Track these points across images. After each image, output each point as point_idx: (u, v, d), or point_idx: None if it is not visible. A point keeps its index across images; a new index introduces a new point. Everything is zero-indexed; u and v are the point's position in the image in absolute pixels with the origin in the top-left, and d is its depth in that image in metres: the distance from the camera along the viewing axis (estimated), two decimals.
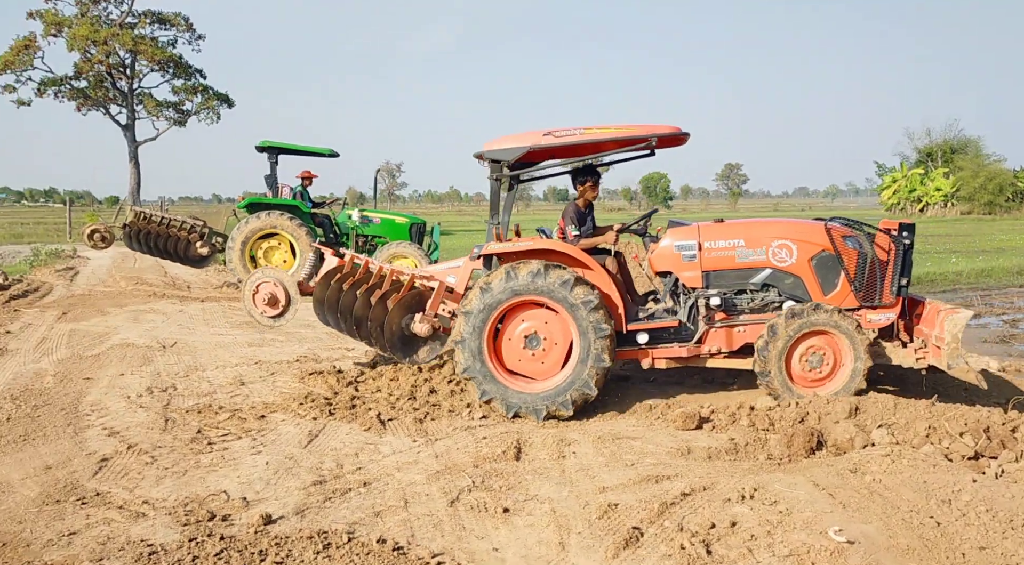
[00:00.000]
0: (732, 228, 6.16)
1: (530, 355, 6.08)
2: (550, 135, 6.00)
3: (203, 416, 5.96)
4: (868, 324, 5.91)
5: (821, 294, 5.95)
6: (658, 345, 6.17)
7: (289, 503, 4.27)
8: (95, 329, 9.81)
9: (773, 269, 6.02)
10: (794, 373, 5.86)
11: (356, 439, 5.42)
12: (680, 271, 6.13)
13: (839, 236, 5.96)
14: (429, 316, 6.90)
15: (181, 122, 37.69)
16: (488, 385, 5.99)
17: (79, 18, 33.83)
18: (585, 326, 5.82)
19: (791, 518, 3.84)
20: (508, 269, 5.94)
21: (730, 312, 6.11)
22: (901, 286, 5.95)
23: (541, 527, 3.97)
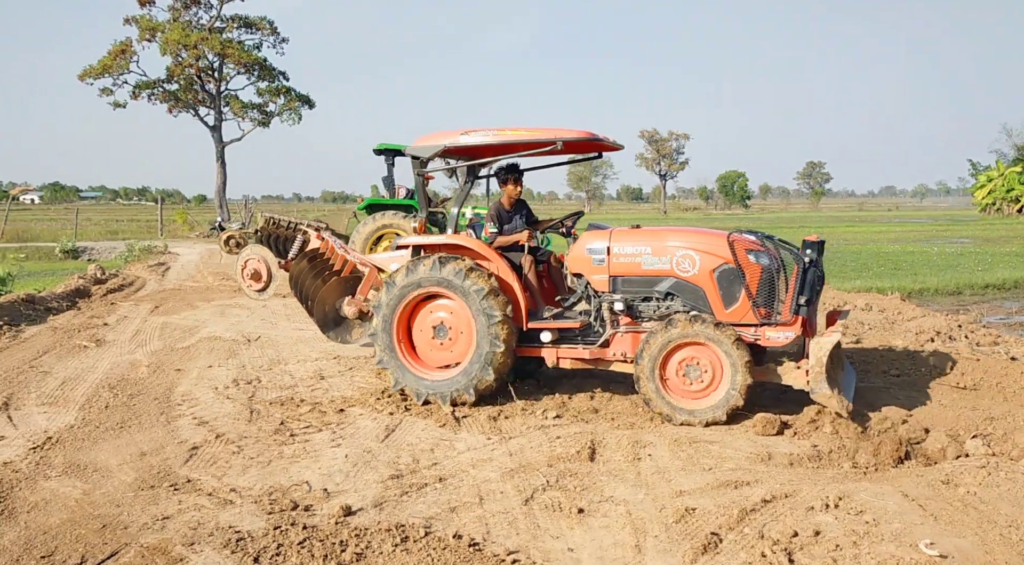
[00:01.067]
0: (641, 235, 6.14)
1: (439, 345, 6.34)
2: (465, 134, 6.20)
3: (286, 408, 6.15)
4: (767, 341, 5.71)
5: (722, 307, 5.78)
6: (564, 345, 6.25)
7: (368, 496, 4.36)
8: (185, 322, 10.25)
9: (677, 278, 5.93)
10: (670, 383, 5.74)
11: (431, 435, 5.50)
12: (590, 274, 6.16)
13: (742, 250, 5.76)
14: (358, 300, 7.12)
15: (265, 123, 38.93)
16: (399, 374, 6.30)
17: (171, 23, 35.37)
18: (478, 313, 6.03)
19: (879, 529, 3.70)
20: (409, 264, 6.29)
21: (636, 318, 6.08)
22: (800, 305, 5.65)
23: (617, 529, 3.94)
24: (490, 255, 6.36)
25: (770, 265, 5.73)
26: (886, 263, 19.17)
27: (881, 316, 9.92)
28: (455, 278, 6.09)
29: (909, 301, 11.56)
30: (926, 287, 14.04)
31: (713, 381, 5.63)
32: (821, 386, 5.28)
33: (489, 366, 6.04)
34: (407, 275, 6.26)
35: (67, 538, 3.87)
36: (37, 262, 21.34)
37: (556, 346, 6.24)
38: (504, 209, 6.78)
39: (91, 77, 34.90)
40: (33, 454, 5.09)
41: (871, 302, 10.86)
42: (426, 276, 6.19)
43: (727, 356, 5.51)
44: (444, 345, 6.34)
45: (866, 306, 10.62)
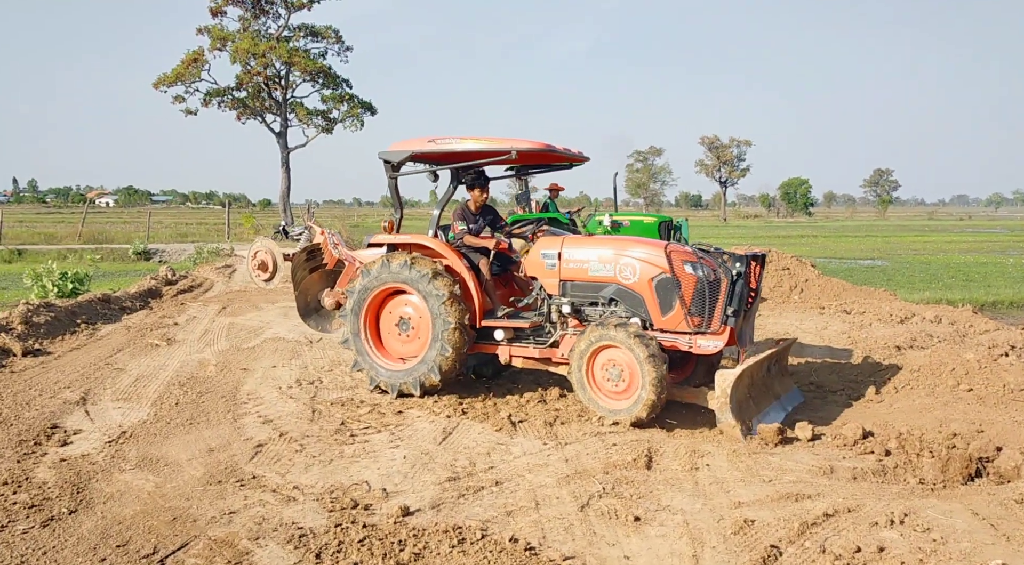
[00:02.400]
0: (591, 242, 6.49)
1: (405, 338, 6.71)
2: (432, 142, 6.53)
3: (346, 409, 6.29)
4: (698, 349, 5.90)
5: (659, 314, 5.98)
6: (516, 343, 6.52)
7: (425, 497, 4.43)
8: (250, 323, 10.56)
9: (619, 285, 6.14)
10: (598, 382, 5.99)
11: (488, 439, 5.54)
12: (543, 278, 6.45)
13: (679, 260, 5.93)
14: (337, 293, 7.49)
15: (328, 129, 39.73)
16: (359, 357, 6.76)
17: (241, 33, 36.45)
18: (429, 297, 6.36)
19: (946, 547, 3.59)
20: (385, 259, 6.66)
21: (583, 321, 6.35)
22: (728, 315, 5.80)
23: (674, 538, 3.92)
24: (447, 253, 6.67)
25: (705, 276, 5.89)
26: (957, 274, 18.51)
27: (951, 328, 9.58)
28: (403, 270, 6.46)
29: (982, 314, 11.13)
30: (1000, 299, 13.51)
31: (630, 386, 5.82)
32: (725, 415, 5.52)
33: (448, 345, 6.31)
34: (365, 275, 6.72)
35: (140, 529, 4.03)
36: (112, 263, 22.25)
37: (509, 345, 6.53)
38: (471, 212, 7.05)
39: (165, 85, 36.18)
40: (109, 447, 5.32)
41: (941, 314, 10.48)
42: (379, 274, 6.61)
43: (639, 366, 5.70)
44: (407, 338, 6.71)
45: (935, 318, 10.26)
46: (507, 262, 7.16)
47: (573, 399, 6.57)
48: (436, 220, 7.14)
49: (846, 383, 7.14)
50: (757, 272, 6.09)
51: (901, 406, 6.26)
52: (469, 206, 7.12)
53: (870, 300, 12.25)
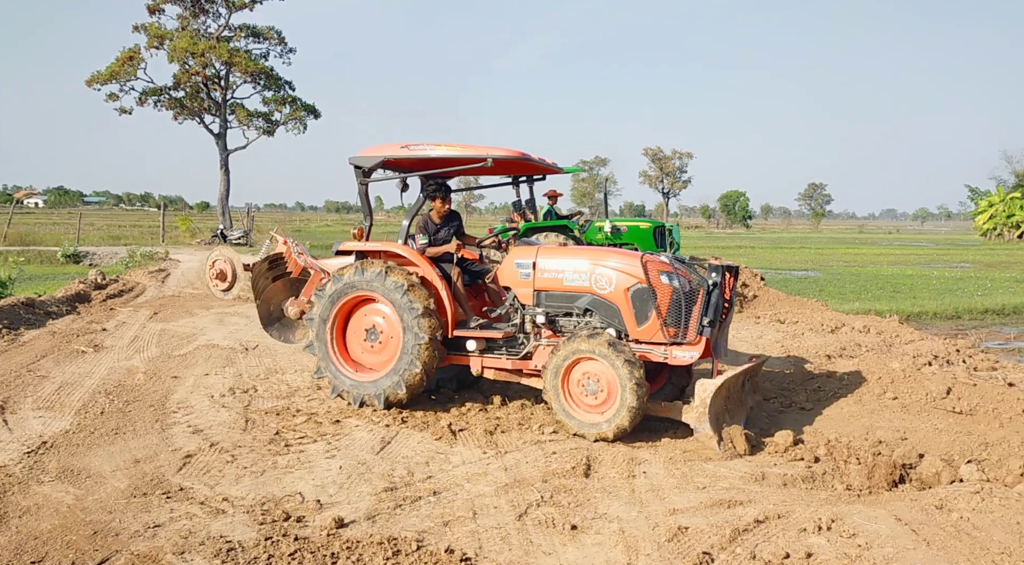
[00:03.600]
0: (566, 252, 6.45)
1: (371, 348, 6.55)
2: (405, 148, 6.44)
3: (281, 418, 6.15)
4: (674, 360, 5.85)
5: (635, 325, 5.92)
6: (488, 354, 6.43)
7: (361, 508, 4.36)
8: (183, 329, 10.26)
9: (594, 295, 6.07)
10: (574, 395, 5.87)
11: (427, 448, 5.49)
12: (517, 287, 6.34)
13: (654, 270, 5.90)
14: (302, 301, 7.35)
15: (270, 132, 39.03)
16: (337, 381, 6.53)
17: (180, 31, 35.56)
18: (401, 308, 6.20)
19: (871, 553, 3.69)
20: (335, 272, 6.55)
21: (558, 332, 6.25)
22: (703, 326, 5.80)
23: (609, 546, 3.94)
24: (420, 262, 6.54)
25: (680, 287, 5.86)
26: (885, 286, 19.19)
27: (879, 338, 9.92)
28: (376, 279, 6.29)
29: (907, 324, 11.55)
30: (924, 310, 14.05)
31: (608, 397, 5.72)
32: (704, 426, 5.54)
33: (416, 360, 6.15)
34: (335, 282, 6.51)
35: (58, 544, 3.86)
36: (38, 266, 21.36)
37: (481, 355, 6.43)
38: (433, 222, 6.96)
39: (98, 83, 35.03)
40: (27, 458, 5.08)
41: (869, 324, 10.85)
42: (351, 281, 6.42)
43: (617, 376, 5.62)
44: (375, 348, 6.55)
45: (864, 328, 10.61)
46: (477, 272, 7.04)
47: (515, 407, 6.57)
48: (405, 229, 6.93)
49: (779, 391, 7.32)
50: (731, 283, 6.08)
51: (830, 414, 6.44)
52: (432, 217, 6.98)
53: (803, 310, 12.60)
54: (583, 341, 5.76)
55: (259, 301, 7.61)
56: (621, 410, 5.61)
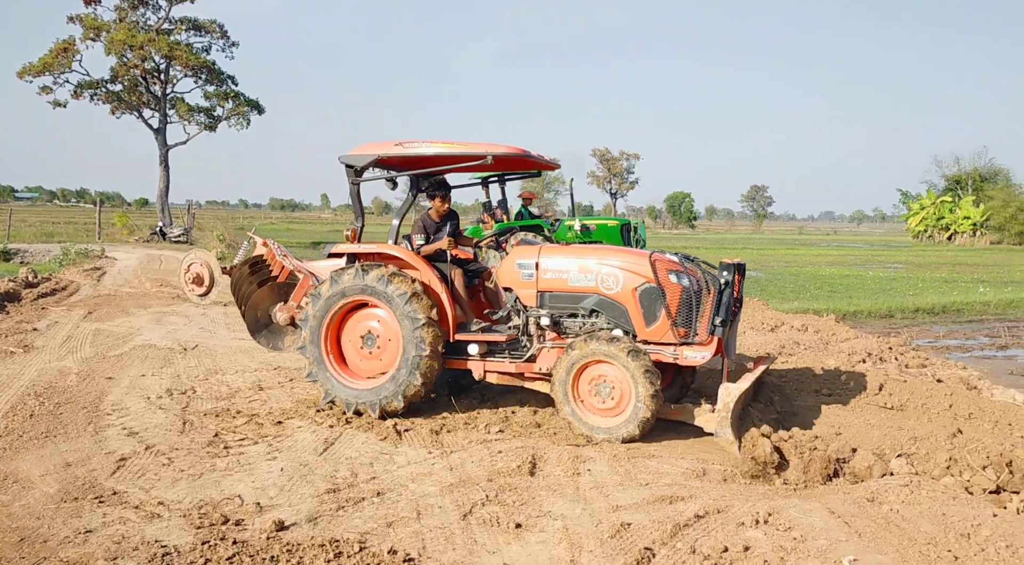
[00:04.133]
0: (570, 251, 6.25)
1: (368, 354, 6.32)
2: (400, 146, 6.21)
3: (221, 420, 6.01)
4: (685, 361, 5.76)
5: (643, 325, 5.80)
6: (491, 358, 6.25)
7: (302, 510, 4.29)
8: (119, 329, 9.95)
9: (601, 296, 5.95)
10: (584, 399, 5.76)
11: (372, 448, 5.44)
12: (519, 289, 6.17)
13: (663, 269, 5.80)
14: (291, 307, 7.12)
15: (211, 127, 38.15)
16: (329, 385, 6.23)
17: (117, 23, 34.48)
18: (403, 317, 5.98)
19: (805, 545, 3.79)
20: (332, 275, 6.27)
21: (562, 334, 6.12)
22: (715, 325, 5.70)
23: (553, 544, 3.95)
24: (419, 264, 6.34)
25: (690, 286, 5.77)
26: (823, 286, 19.73)
27: (816, 337, 10.20)
28: (378, 284, 6.07)
29: (843, 323, 11.91)
30: (860, 310, 14.49)
31: (620, 402, 5.61)
32: (725, 431, 5.39)
33: (416, 371, 5.97)
34: (332, 285, 6.24)
35: None
36: None
37: (483, 359, 6.25)
38: (432, 221, 6.78)
39: (30, 75, 33.77)
40: None
41: (807, 323, 11.15)
42: (351, 285, 6.17)
43: (632, 380, 5.51)
44: (373, 354, 6.31)
45: (802, 327, 10.90)
46: (473, 272, 6.86)
47: (462, 406, 6.55)
48: (396, 229, 6.72)
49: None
50: (737, 281, 5.93)
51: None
52: (431, 215, 6.77)
53: (745, 309, 12.84)
54: (602, 343, 5.59)
55: (246, 307, 7.27)
56: (634, 419, 5.51)
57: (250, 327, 7.34)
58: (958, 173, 63.52)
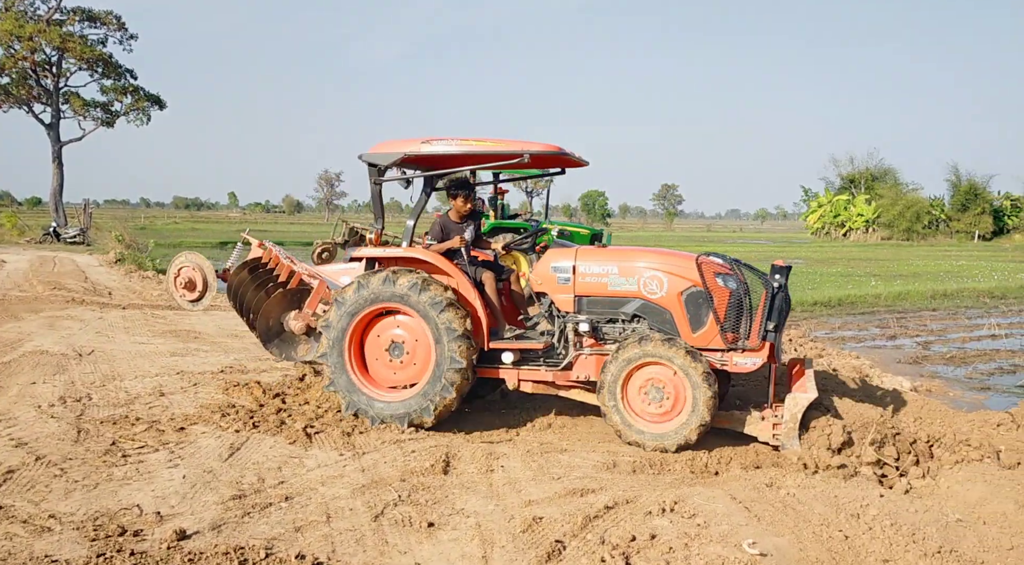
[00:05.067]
0: (608, 254, 5.99)
1: (394, 363, 6.02)
2: (427, 143, 5.88)
3: (119, 428, 5.74)
4: (735, 367, 5.58)
5: (689, 331, 5.61)
6: (525, 366, 6.01)
7: (205, 518, 4.15)
8: (7, 335, 9.37)
9: (644, 300, 5.74)
10: (632, 400, 5.53)
11: (280, 452, 5.31)
12: (554, 293, 5.94)
13: (710, 272, 5.62)
14: (306, 314, 6.84)
15: (109, 123, 36.41)
16: (353, 397, 5.96)
17: (3, 12, 32.49)
18: (437, 328, 5.71)
19: (708, 531, 3.92)
20: (359, 279, 5.94)
21: (600, 340, 5.88)
22: (768, 331, 5.52)
23: (465, 541, 3.96)
24: (450, 269, 6.00)
25: (737, 289, 5.57)
26: None
27: None
28: (410, 292, 5.74)
29: None
30: None
31: (675, 407, 5.38)
32: (792, 443, 5.23)
33: (450, 384, 5.71)
34: (358, 290, 5.88)
35: None
36: None
37: (517, 368, 5.96)
38: (452, 222, 6.47)
39: None
40: None
41: None
42: (379, 292, 5.83)
43: (691, 384, 5.30)
44: (401, 364, 5.98)
45: None
46: (498, 274, 6.49)
47: None
48: (411, 230, 6.28)
49: None
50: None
51: None
52: (451, 216, 6.46)
53: None
54: (657, 345, 5.34)
55: (257, 316, 6.87)
56: (690, 423, 5.29)
57: (262, 336, 6.96)
58: (852, 172, 66.99)
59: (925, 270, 25.56)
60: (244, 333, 10.11)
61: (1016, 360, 10.03)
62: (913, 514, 4.05)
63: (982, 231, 57.41)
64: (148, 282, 15.93)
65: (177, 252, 7.50)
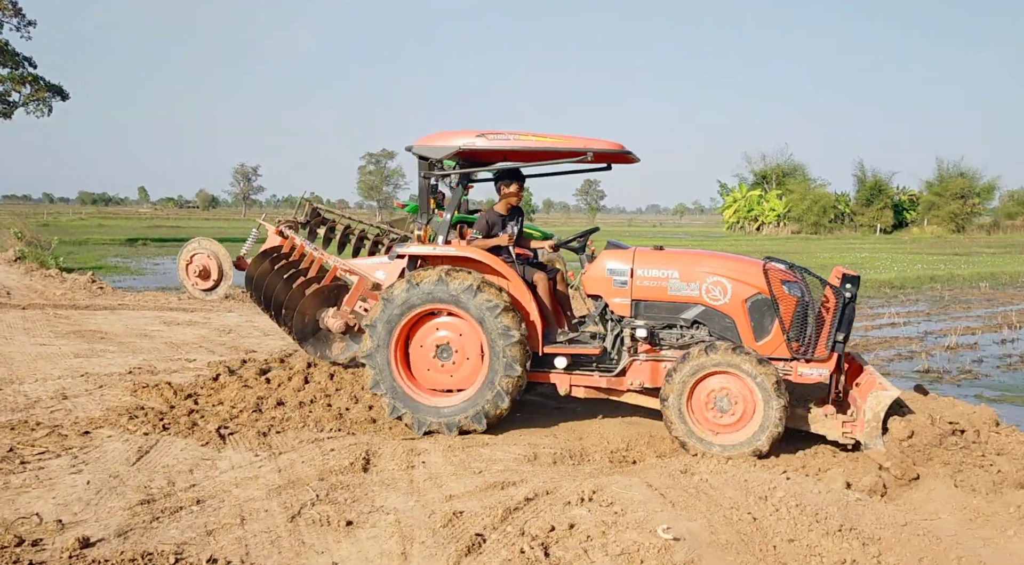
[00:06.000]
0: (669, 258, 5.75)
1: (441, 367, 5.80)
2: (482, 137, 5.64)
3: (16, 433, 5.44)
4: (799, 377, 5.44)
5: (753, 339, 5.46)
6: (578, 371, 5.83)
7: (111, 525, 3.98)
8: None
9: (705, 306, 5.57)
10: (697, 412, 5.30)
11: (192, 455, 5.14)
12: (610, 297, 5.72)
13: (777, 280, 5.47)
14: (344, 312, 6.64)
15: (6, 114, 34.36)
16: (398, 401, 5.73)
17: None
18: (492, 332, 5.53)
19: (625, 518, 4.01)
20: (410, 278, 5.70)
21: (657, 346, 5.68)
22: (837, 341, 5.39)
23: (384, 538, 3.93)
24: (504, 270, 5.81)
25: (803, 297, 5.44)
26: None
27: None
28: (464, 295, 5.54)
29: None
30: None
31: (743, 417, 5.20)
32: (876, 442, 5.03)
33: (504, 391, 5.54)
34: (409, 289, 5.65)
35: None
36: None
37: (569, 373, 5.79)
38: (497, 216, 6.23)
39: None
40: None
41: None
42: (430, 292, 5.61)
43: (762, 394, 5.11)
44: (448, 368, 5.78)
45: None
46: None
47: (291, 406, 6.33)
48: (447, 226, 6.04)
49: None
50: None
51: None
52: (496, 210, 6.25)
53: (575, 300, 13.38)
54: (726, 354, 5.15)
55: (288, 311, 6.56)
56: (762, 433, 5.10)
57: (298, 333, 6.71)
58: (764, 168, 69.35)
59: (831, 262, 26.71)
60: (154, 333, 9.78)
61: (913, 347, 10.61)
62: (817, 495, 4.24)
63: (884, 225, 60.36)
64: (51, 281, 15.15)
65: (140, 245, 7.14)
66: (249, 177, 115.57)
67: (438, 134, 5.88)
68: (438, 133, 5.89)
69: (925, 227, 58.83)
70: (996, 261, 27.06)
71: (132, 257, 26.05)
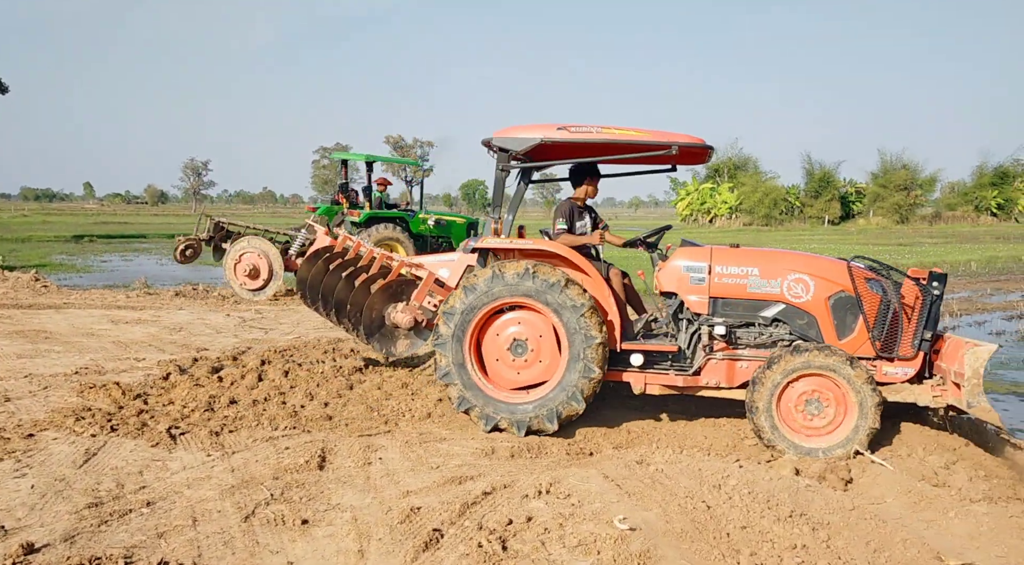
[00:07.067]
0: (747, 255, 5.69)
1: (515, 362, 5.69)
2: (564, 130, 5.56)
3: None
4: (883, 376, 5.37)
5: (835, 337, 5.40)
6: (652, 369, 5.73)
7: (57, 529, 3.87)
8: None
9: (787, 304, 5.48)
10: (787, 416, 5.20)
11: (141, 456, 5.02)
12: (686, 294, 5.64)
13: (861, 278, 5.42)
14: (413, 307, 6.59)
15: None
16: (468, 393, 5.62)
17: None
18: (574, 332, 5.44)
19: (582, 510, 4.05)
20: (495, 268, 5.59)
21: (733, 344, 5.60)
22: (924, 340, 5.33)
23: (341, 536, 3.90)
24: (586, 267, 5.72)
25: (887, 295, 5.37)
26: None
27: None
28: (549, 291, 5.44)
29: None
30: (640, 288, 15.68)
31: (835, 420, 5.11)
32: (980, 399, 4.87)
33: (580, 393, 5.42)
34: (492, 280, 5.53)
35: None
36: None
37: (643, 371, 5.69)
38: (579, 207, 6.24)
39: None
40: None
41: None
42: (514, 285, 5.50)
43: (857, 396, 5.02)
44: (522, 363, 5.66)
45: None
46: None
47: (245, 405, 6.23)
48: (511, 224, 5.98)
49: None
50: None
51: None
52: (577, 202, 6.23)
53: None
54: (816, 355, 5.05)
55: (354, 309, 6.52)
56: (858, 434, 5.01)
57: (366, 330, 6.61)
58: (716, 162, 70.37)
59: None
60: (101, 332, 9.53)
61: None
62: (768, 482, 4.33)
63: (831, 216, 61.81)
64: None
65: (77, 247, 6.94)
66: (199, 172, 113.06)
67: (516, 127, 5.78)
68: (516, 126, 5.80)
69: (871, 218, 60.37)
70: (938, 250, 27.93)
71: (78, 254, 25.28)
